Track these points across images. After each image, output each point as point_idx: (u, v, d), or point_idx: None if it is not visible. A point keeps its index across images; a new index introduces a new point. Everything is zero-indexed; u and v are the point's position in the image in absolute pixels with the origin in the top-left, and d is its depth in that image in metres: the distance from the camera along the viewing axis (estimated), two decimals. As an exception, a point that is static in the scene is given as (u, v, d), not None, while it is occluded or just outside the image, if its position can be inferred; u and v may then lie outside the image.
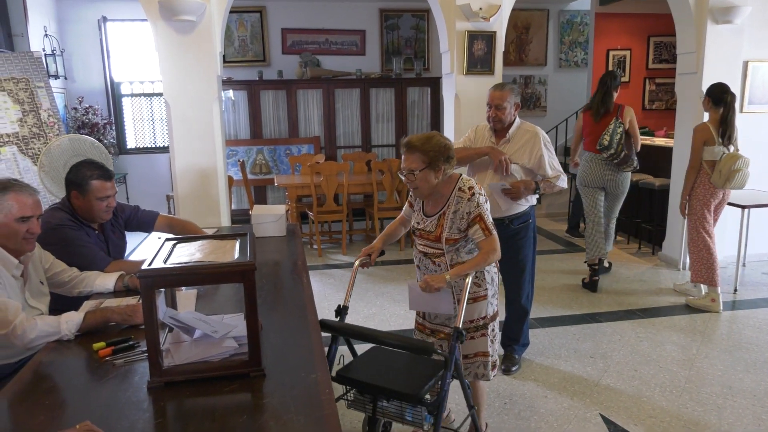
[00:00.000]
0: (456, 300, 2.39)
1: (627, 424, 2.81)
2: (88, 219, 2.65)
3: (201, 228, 3.07)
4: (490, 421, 2.81)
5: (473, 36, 4.68)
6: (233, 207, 6.86)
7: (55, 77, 6.55)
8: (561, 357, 3.55)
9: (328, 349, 2.23)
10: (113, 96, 7.46)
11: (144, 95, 7.65)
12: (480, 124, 3.27)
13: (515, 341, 3.43)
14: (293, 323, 2.07)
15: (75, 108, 6.86)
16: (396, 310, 4.33)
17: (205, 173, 4.39)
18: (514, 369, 3.36)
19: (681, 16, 5.05)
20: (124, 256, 2.95)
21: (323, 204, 5.90)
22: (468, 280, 2.29)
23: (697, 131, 4.15)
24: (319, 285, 4.91)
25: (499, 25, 4.72)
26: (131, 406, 1.52)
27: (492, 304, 2.49)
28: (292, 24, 7.67)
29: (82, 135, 4.59)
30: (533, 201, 3.20)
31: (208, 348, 1.74)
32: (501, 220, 3.07)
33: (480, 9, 4.54)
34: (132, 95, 7.62)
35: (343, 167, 5.87)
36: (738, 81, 5.03)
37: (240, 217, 6.85)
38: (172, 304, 2.02)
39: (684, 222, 4.46)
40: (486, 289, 2.44)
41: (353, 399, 2.24)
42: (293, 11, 7.65)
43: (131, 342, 1.88)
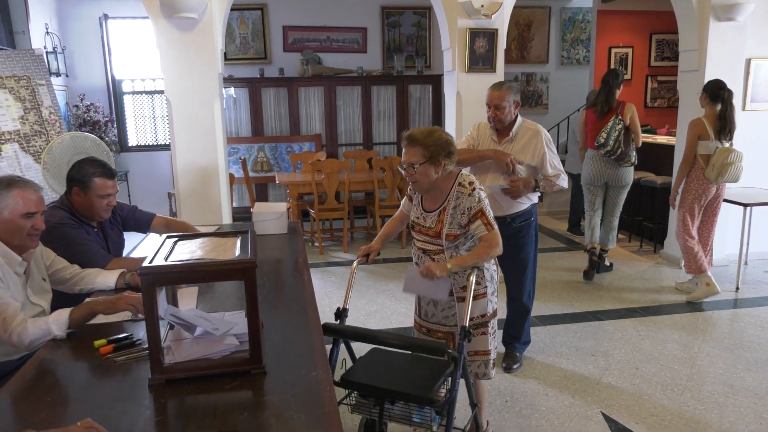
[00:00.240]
0: (452, 290, 2.40)
1: (628, 422, 2.81)
2: (87, 217, 2.65)
3: (198, 230, 3.06)
4: (491, 419, 2.81)
5: (475, 33, 4.67)
6: (234, 205, 6.86)
7: (57, 75, 6.55)
8: (562, 355, 3.55)
9: (329, 353, 2.19)
10: (115, 93, 7.46)
11: (145, 93, 7.65)
12: (482, 122, 3.26)
13: (516, 339, 3.43)
14: (294, 321, 2.07)
15: (76, 105, 6.86)
16: (397, 307, 4.33)
17: (207, 171, 4.39)
18: (515, 367, 3.35)
19: (683, 13, 5.03)
20: (122, 253, 2.95)
21: (324, 202, 5.90)
22: (472, 278, 2.28)
23: (692, 126, 4.25)
24: (321, 283, 4.91)
25: (501, 23, 4.71)
26: (132, 403, 1.52)
27: (492, 301, 2.49)
28: (293, 21, 7.66)
29: (83, 132, 4.60)
30: (535, 199, 3.20)
31: (209, 345, 1.74)
32: (503, 218, 3.07)
33: (482, 6, 4.53)
34: (133, 93, 7.62)
35: (345, 165, 5.87)
36: (740, 79, 5.03)
37: (241, 215, 6.84)
38: (173, 301, 2.02)
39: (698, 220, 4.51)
40: (486, 287, 2.44)
41: (355, 403, 2.19)
42: (294, 8, 7.63)
43: (132, 339, 1.88)
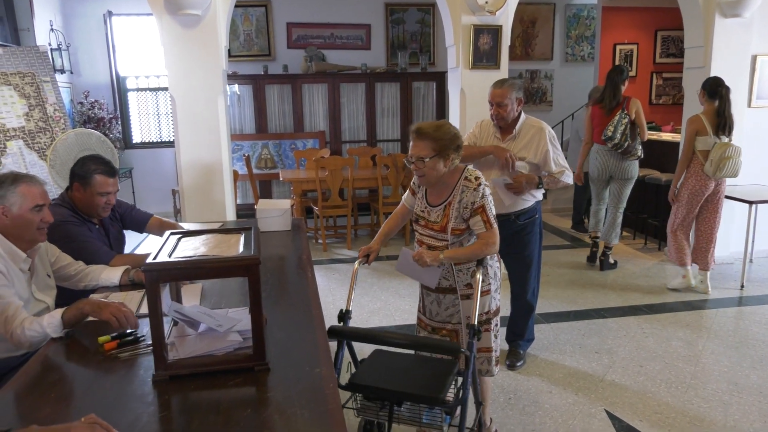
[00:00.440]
0: (457, 287, 2.40)
1: (632, 419, 2.80)
2: (88, 214, 2.66)
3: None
4: (494, 416, 2.81)
5: (479, 30, 4.65)
6: (238, 201, 6.86)
7: (61, 72, 6.57)
8: (566, 352, 3.54)
9: (335, 356, 2.14)
10: (119, 90, 7.47)
11: (149, 90, 7.66)
12: (485, 119, 3.25)
13: (520, 336, 3.43)
14: (298, 318, 2.07)
15: (81, 102, 6.87)
16: (401, 305, 4.32)
17: (211, 168, 4.40)
18: (519, 364, 3.35)
19: (689, 9, 5.00)
20: (123, 249, 2.95)
21: (328, 199, 5.90)
22: (478, 276, 2.28)
23: (689, 122, 4.33)
24: (324, 279, 4.91)
25: (505, 19, 4.69)
26: (136, 399, 1.52)
27: (495, 298, 2.48)
28: (297, 18, 7.66)
29: (87, 129, 4.60)
30: (539, 196, 3.18)
31: (212, 342, 1.75)
32: (507, 215, 3.06)
33: (486, 3, 4.51)
34: (137, 90, 7.63)
35: (348, 162, 5.87)
36: (746, 75, 5.00)
37: (245, 212, 6.85)
38: (176, 297, 2.02)
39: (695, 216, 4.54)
40: (489, 284, 2.43)
41: (361, 406, 2.14)
42: (298, 5, 7.63)
43: (136, 335, 1.88)
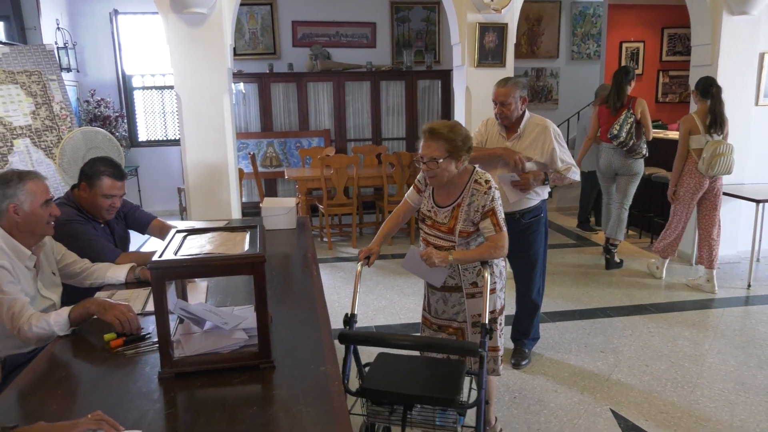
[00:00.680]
0: (462, 286, 2.40)
1: (638, 419, 2.79)
2: (91, 214, 2.67)
3: None
4: (499, 415, 2.80)
5: (484, 28, 4.64)
6: (243, 200, 6.88)
7: (68, 70, 6.59)
8: (571, 351, 3.53)
9: (343, 362, 2.08)
10: (125, 89, 7.49)
11: (155, 88, 7.68)
12: (490, 117, 3.24)
13: (525, 335, 3.42)
14: (303, 316, 2.07)
15: (87, 101, 6.90)
16: (406, 303, 4.32)
17: (216, 166, 4.40)
18: (524, 363, 3.34)
19: (696, 7, 4.97)
20: (128, 247, 2.96)
21: (333, 197, 5.90)
22: (487, 275, 2.27)
23: (683, 122, 4.44)
24: (329, 278, 4.92)
25: (511, 17, 4.68)
26: (142, 396, 1.53)
27: (500, 297, 2.48)
28: (302, 16, 7.66)
29: (94, 127, 4.62)
30: (545, 195, 3.17)
31: (218, 339, 1.75)
32: (512, 214, 3.05)
33: (491, 1, 4.50)
34: (143, 88, 7.65)
35: (354, 160, 5.87)
36: (754, 73, 4.97)
37: (250, 210, 6.87)
38: (182, 295, 2.03)
39: (691, 214, 4.64)
40: (495, 283, 2.43)
41: (369, 412, 2.10)
42: (304, 4, 7.63)
43: (142, 333, 1.89)
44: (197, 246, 1.73)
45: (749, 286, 4.56)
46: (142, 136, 7.75)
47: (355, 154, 6.81)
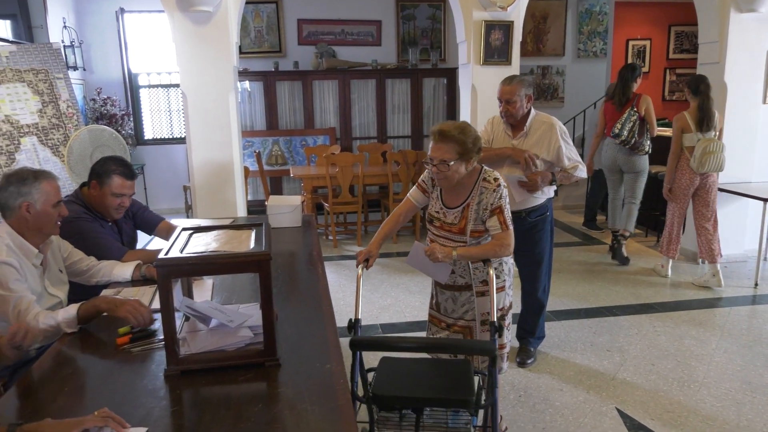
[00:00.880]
0: (473, 284, 2.39)
1: (644, 418, 2.78)
2: (99, 212, 2.68)
3: None
4: (504, 414, 2.80)
5: (490, 26, 4.63)
6: (249, 198, 6.88)
7: (74, 68, 6.62)
8: (577, 350, 3.52)
9: (351, 368, 2.04)
10: (131, 87, 7.51)
11: (161, 86, 7.70)
12: (496, 116, 3.23)
13: (531, 334, 3.41)
14: (308, 314, 2.07)
15: (93, 99, 6.92)
16: (411, 301, 4.32)
17: (222, 164, 4.41)
18: (529, 362, 3.34)
19: (703, 4, 4.94)
20: (136, 246, 2.98)
21: (338, 195, 5.90)
22: (492, 272, 2.26)
23: (675, 120, 4.52)
24: (334, 276, 4.92)
25: (517, 15, 4.67)
26: (148, 393, 1.53)
27: (509, 294, 2.48)
28: (308, 15, 7.65)
29: (100, 125, 4.64)
30: (551, 194, 3.16)
31: (223, 337, 1.75)
32: (518, 213, 3.04)
33: (497, -2, 4.49)
34: (149, 86, 7.67)
35: (359, 158, 5.86)
36: (761, 71, 4.93)
37: (256, 208, 6.88)
38: (188, 293, 2.03)
39: (686, 210, 4.73)
40: (504, 280, 2.42)
41: (378, 419, 2.07)
42: (309, 2, 7.62)
43: (149, 330, 1.90)
44: (203, 244, 1.74)
45: (756, 285, 4.54)
46: (148, 134, 7.77)
47: (361, 152, 6.81)
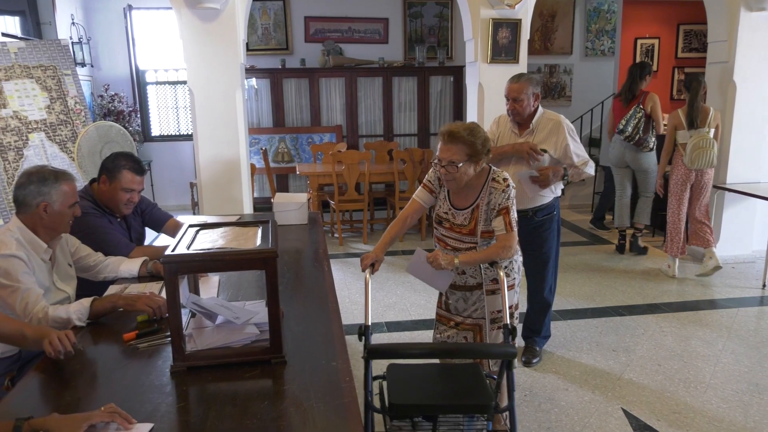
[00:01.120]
0: (483, 282, 2.39)
1: (649, 419, 2.77)
2: (108, 208, 2.69)
3: None
4: (509, 413, 2.80)
5: (498, 24, 4.61)
6: (255, 195, 6.90)
7: (82, 65, 6.65)
8: (583, 350, 3.51)
9: (364, 377, 2.01)
10: (138, 84, 7.54)
11: (168, 83, 7.72)
12: (502, 114, 3.21)
13: (537, 333, 3.40)
14: (314, 311, 2.07)
15: (101, 95, 6.95)
16: (416, 299, 4.32)
17: (228, 161, 4.42)
18: (534, 361, 3.33)
19: (712, 3, 4.90)
20: (144, 242, 2.99)
21: (345, 193, 5.90)
22: (502, 273, 2.25)
23: (670, 118, 4.64)
24: (340, 273, 4.92)
25: (525, 13, 4.65)
26: (154, 389, 1.54)
27: (517, 292, 2.48)
28: (315, 12, 7.65)
29: (107, 122, 4.66)
30: (558, 192, 3.15)
31: (230, 334, 1.76)
32: (525, 212, 3.03)
33: (505, -4, 4.47)
34: (157, 83, 7.69)
35: (365, 156, 5.86)
36: (771, 70, 4.90)
37: (262, 205, 6.88)
38: (194, 289, 2.04)
39: (684, 205, 4.78)
40: (513, 279, 2.42)
41: (390, 428, 2.03)
42: (316, -1, 7.63)
43: (155, 326, 1.90)
44: (209, 241, 1.74)
45: (764, 285, 4.51)
46: (155, 130, 7.80)
47: (367, 150, 6.81)
